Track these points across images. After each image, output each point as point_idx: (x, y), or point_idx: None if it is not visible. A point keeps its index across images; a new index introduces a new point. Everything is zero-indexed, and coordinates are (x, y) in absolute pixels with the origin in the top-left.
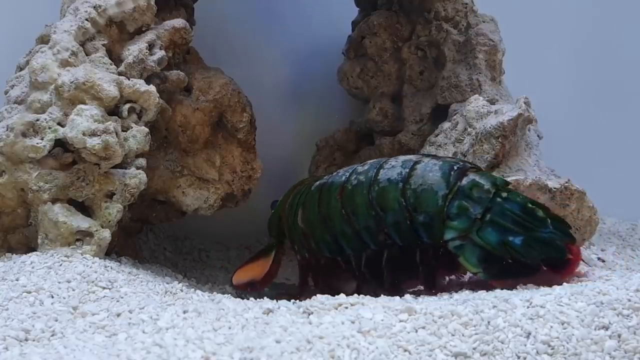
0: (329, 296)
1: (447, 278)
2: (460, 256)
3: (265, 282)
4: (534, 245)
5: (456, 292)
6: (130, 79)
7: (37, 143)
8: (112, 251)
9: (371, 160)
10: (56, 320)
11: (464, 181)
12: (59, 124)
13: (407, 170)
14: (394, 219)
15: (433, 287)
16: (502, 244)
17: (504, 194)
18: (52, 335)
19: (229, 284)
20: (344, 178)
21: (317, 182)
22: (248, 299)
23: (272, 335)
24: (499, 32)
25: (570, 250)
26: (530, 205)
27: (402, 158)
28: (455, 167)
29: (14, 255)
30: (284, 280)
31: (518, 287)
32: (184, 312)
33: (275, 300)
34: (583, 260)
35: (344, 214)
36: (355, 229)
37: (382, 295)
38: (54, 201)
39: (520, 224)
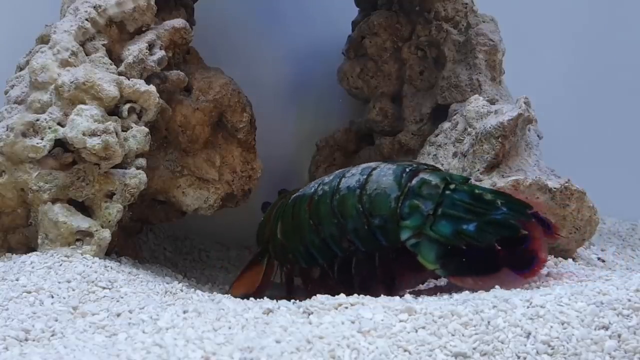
0: (329, 296)
1: (429, 282)
2: (418, 254)
3: (260, 293)
4: (487, 228)
5: (456, 292)
6: (130, 79)
7: (37, 143)
8: (112, 251)
9: (337, 171)
10: (56, 320)
11: (414, 181)
12: (59, 124)
13: (365, 177)
14: (353, 225)
15: (391, 290)
16: (457, 233)
17: (452, 186)
18: (52, 335)
19: (229, 286)
20: (312, 190)
21: (294, 195)
22: (248, 298)
23: (272, 335)
24: (499, 32)
25: (526, 227)
26: (477, 191)
27: (362, 166)
28: (407, 170)
29: (14, 255)
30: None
31: (480, 287)
32: (184, 312)
33: (275, 300)
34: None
35: (312, 224)
36: (322, 237)
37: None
38: (54, 201)
39: (472, 212)
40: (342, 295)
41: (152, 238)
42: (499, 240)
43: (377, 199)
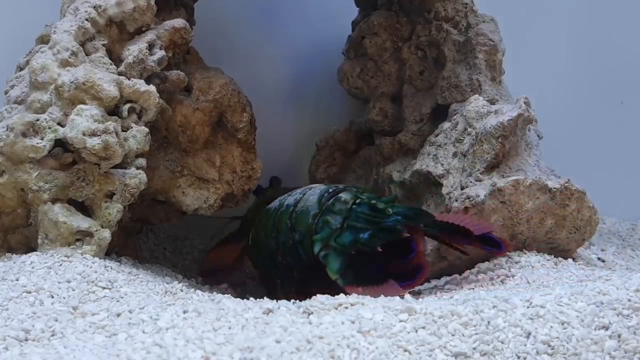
0: (329, 296)
1: None
2: (327, 265)
3: (235, 268)
4: (378, 235)
5: (456, 292)
6: (130, 79)
7: (37, 143)
8: (112, 251)
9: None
10: (56, 320)
11: (331, 200)
12: (59, 124)
13: (301, 196)
14: (283, 239)
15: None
16: (354, 242)
17: (358, 200)
18: (52, 335)
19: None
20: (273, 204)
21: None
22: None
23: (272, 335)
24: (499, 32)
25: (412, 237)
26: (372, 202)
27: (308, 186)
28: (330, 190)
29: (14, 255)
30: None
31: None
32: (184, 312)
33: (275, 300)
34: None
35: (263, 236)
36: (269, 250)
37: None
38: (54, 201)
39: (370, 222)
40: (342, 295)
41: (152, 238)
42: (389, 247)
43: (300, 216)
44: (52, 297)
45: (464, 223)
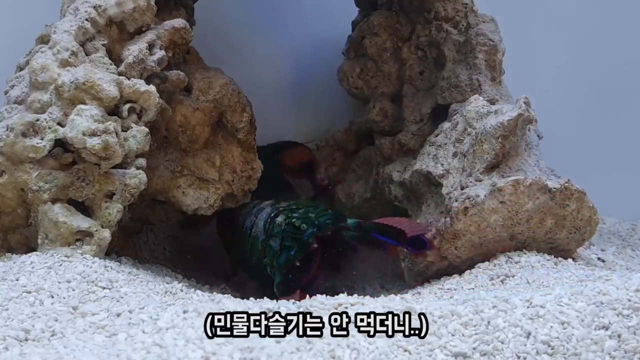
0: (329, 296)
1: None
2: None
3: (209, 220)
4: (300, 249)
5: (456, 292)
6: (130, 79)
7: (37, 143)
8: (112, 251)
9: (254, 203)
10: (56, 320)
11: (271, 225)
12: (59, 124)
13: (254, 219)
14: (244, 259)
15: None
16: (287, 260)
17: (287, 221)
18: (52, 335)
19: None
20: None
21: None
22: (248, 298)
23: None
24: (499, 32)
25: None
26: (292, 220)
27: (262, 206)
28: (272, 214)
29: (14, 255)
30: None
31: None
32: (184, 312)
33: (275, 300)
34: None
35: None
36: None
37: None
38: (54, 201)
39: (295, 239)
40: (342, 295)
41: (152, 238)
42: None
43: (254, 242)
44: (52, 297)
45: (399, 225)
